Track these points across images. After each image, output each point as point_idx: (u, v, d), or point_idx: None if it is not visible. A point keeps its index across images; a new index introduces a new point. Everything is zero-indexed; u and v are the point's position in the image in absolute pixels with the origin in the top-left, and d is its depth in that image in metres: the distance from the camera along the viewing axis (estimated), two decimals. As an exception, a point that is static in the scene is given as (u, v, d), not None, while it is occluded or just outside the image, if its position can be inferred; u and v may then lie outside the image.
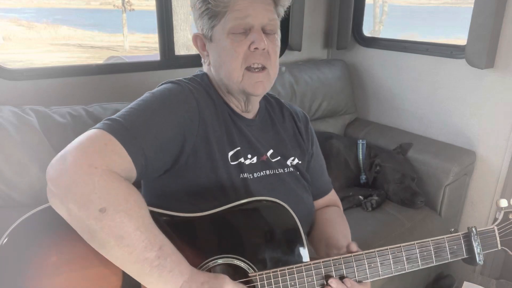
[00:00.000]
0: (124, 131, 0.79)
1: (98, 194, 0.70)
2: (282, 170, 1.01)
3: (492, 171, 1.99)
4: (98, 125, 0.79)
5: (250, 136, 0.99)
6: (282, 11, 1.00)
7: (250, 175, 0.95)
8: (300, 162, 1.07)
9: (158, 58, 1.98)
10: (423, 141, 2.13)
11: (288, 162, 1.04)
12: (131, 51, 12.50)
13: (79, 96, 1.71)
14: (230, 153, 0.94)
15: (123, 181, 0.74)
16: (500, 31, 1.80)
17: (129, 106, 0.87)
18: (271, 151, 1.02)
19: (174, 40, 2.00)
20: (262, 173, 0.98)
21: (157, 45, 1.97)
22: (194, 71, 2.01)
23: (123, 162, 0.77)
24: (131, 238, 0.71)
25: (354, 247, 0.92)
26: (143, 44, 13.23)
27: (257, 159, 0.98)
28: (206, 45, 0.99)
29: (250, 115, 1.03)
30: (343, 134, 2.43)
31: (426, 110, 2.19)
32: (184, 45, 7.32)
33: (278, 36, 0.98)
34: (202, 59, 1.03)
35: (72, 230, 0.74)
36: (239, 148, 0.96)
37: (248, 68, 0.93)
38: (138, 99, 0.90)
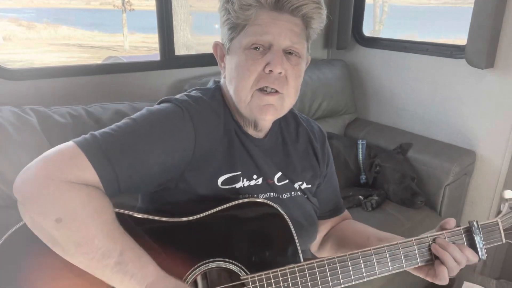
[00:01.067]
0: (98, 150, 0.75)
1: (53, 205, 0.71)
2: (288, 195, 0.97)
3: (492, 171, 1.99)
4: (78, 138, 0.78)
5: (257, 158, 0.93)
6: (314, 34, 0.91)
7: (256, 195, 0.92)
8: (309, 186, 1.02)
9: (158, 58, 1.98)
10: (423, 141, 2.13)
11: (296, 186, 0.99)
12: (131, 51, 12.50)
13: (79, 96, 1.71)
14: (224, 177, 0.89)
15: (82, 189, 0.72)
16: (500, 31, 1.80)
17: (120, 122, 0.83)
18: (279, 174, 0.96)
19: (174, 40, 2.00)
20: (266, 195, 0.94)
21: (157, 45, 1.97)
22: (194, 71, 2.03)
23: (89, 177, 0.74)
24: (89, 245, 0.71)
25: (452, 223, 0.90)
26: (143, 44, 13.22)
27: (263, 180, 0.94)
28: (225, 58, 0.91)
29: (260, 134, 0.96)
30: (343, 134, 2.43)
31: (426, 110, 2.19)
32: (184, 45, 7.32)
33: (303, 60, 0.89)
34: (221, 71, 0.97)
35: None
36: (239, 172, 0.90)
37: (260, 89, 0.85)
38: (134, 115, 0.84)
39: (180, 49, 6.97)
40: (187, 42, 7.45)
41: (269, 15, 0.83)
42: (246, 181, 0.92)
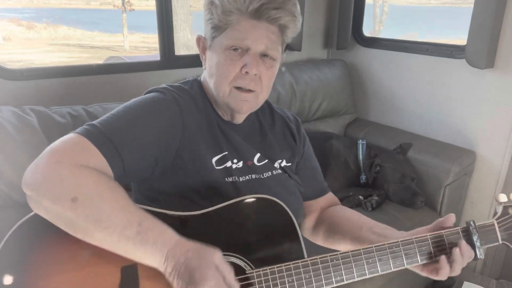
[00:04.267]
0: (100, 134, 0.80)
1: (66, 185, 0.73)
2: (269, 173, 1.02)
3: (492, 171, 1.99)
4: (76, 130, 0.81)
5: (236, 142, 1.00)
6: (289, 39, 0.99)
7: (237, 178, 0.97)
8: (288, 164, 1.07)
9: (158, 58, 1.99)
10: (423, 141, 2.13)
11: (276, 165, 1.05)
12: (131, 51, 12.49)
13: (79, 96, 1.71)
14: (215, 158, 0.95)
15: (92, 170, 0.76)
16: (500, 31, 1.80)
17: (111, 112, 0.88)
18: (258, 155, 1.02)
19: (174, 40, 2.00)
20: (247, 177, 0.98)
21: (157, 45, 1.98)
22: (194, 71, 2.03)
23: (96, 161, 0.78)
24: (108, 220, 0.73)
25: (452, 218, 0.93)
26: (143, 44, 13.23)
27: (243, 163, 0.99)
28: (206, 50, 0.99)
29: (238, 121, 1.04)
30: (343, 134, 2.44)
31: (426, 110, 2.19)
32: (184, 45, 7.32)
33: (277, 63, 0.97)
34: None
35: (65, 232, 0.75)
36: (226, 153, 0.97)
37: (236, 87, 0.93)
38: (121, 105, 0.91)
39: (180, 49, 6.97)
40: (187, 42, 7.44)
41: (248, 22, 0.90)
42: (230, 163, 0.97)
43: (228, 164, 0.96)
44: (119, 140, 0.82)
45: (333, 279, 0.85)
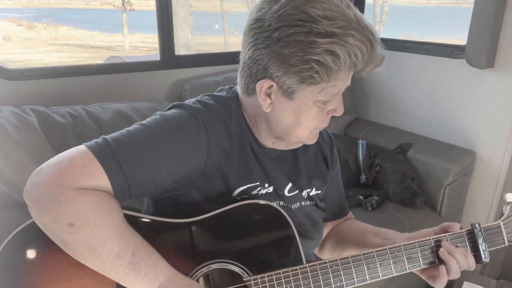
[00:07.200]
0: (111, 158, 0.75)
1: (65, 211, 0.71)
2: (297, 204, 0.98)
3: (492, 171, 1.99)
4: (90, 142, 0.77)
5: (269, 170, 0.93)
6: None
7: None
8: (318, 192, 1.03)
9: (158, 58, 1.99)
10: (423, 141, 2.13)
11: (304, 193, 1.00)
12: (131, 51, 12.48)
13: (79, 96, 1.71)
14: (240, 189, 0.89)
15: (93, 193, 0.73)
16: (500, 31, 1.80)
17: (132, 127, 0.82)
18: (289, 185, 0.96)
19: (174, 40, 2.00)
20: (275, 203, 0.92)
21: (157, 45, 1.98)
22: (194, 71, 2.03)
23: (101, 186, 0.74)
24: (102, 248, 0.72)
25: (456, 227, 0.91)
26: (143, 44, 13.22)
27: (273, 189, 0.94)
28: (274, 95, 0.85)
29: (274, 146, 0.96)
30: (343, 134, 2.43)
31: (426, 110, 2.19)
32: (184, 45, 7.32)
33: None
34: (242, 88, 0.90)
35: None
36: (257, 183, 0.91)
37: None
38: (146, 120, 0.84)
39: (180, 49, 6.97)
40: (187, 42, 7.45)
41: (347, 74, 0.87)
42: (261, 189, 0.92)
43: (254, 192, 0.91)
44: (132, 169, 0.76)
45: (333, 285, 0.83)
